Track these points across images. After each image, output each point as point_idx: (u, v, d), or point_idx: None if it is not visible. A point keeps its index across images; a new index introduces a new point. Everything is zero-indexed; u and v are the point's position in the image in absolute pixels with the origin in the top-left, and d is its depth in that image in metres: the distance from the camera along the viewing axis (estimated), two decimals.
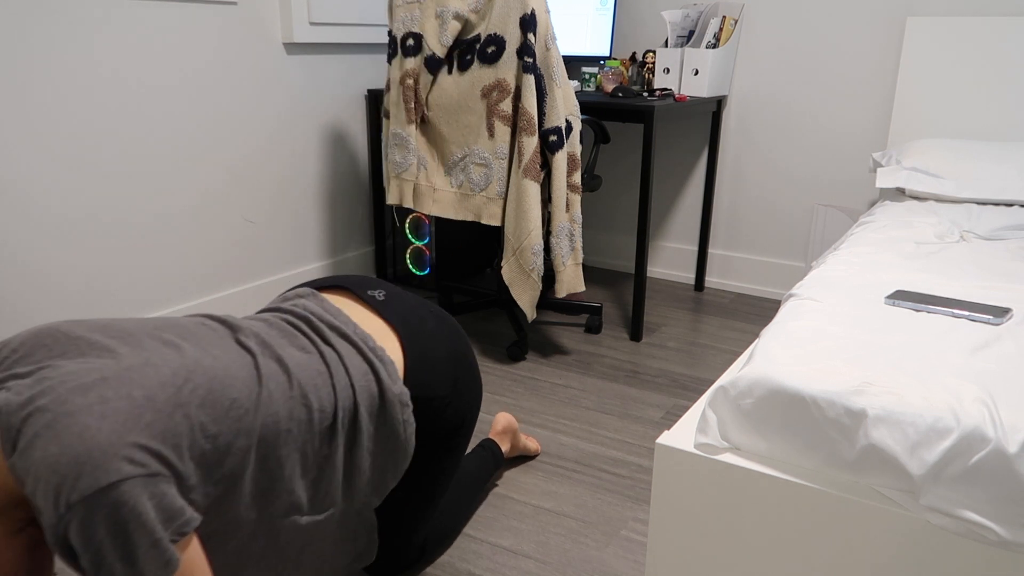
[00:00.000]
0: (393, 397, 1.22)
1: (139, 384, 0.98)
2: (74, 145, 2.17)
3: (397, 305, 1.36)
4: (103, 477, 0.89)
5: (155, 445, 0.94)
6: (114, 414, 0.93)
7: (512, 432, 1.93)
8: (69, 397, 0.93)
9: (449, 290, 3.05)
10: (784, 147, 3.10)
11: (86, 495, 0.88)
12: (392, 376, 1.23)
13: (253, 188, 2.73)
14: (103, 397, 0.94)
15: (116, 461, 0.90)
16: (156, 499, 0.92)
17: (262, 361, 1.11)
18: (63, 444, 0.89)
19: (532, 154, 2.31)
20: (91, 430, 0.91)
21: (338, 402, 1.16)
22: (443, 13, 2.35)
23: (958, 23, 2.64)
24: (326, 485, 1.16)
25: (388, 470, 1.26)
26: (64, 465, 0.88)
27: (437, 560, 1.62)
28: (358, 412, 1.18)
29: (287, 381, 1.12)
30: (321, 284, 1.42)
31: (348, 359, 1.20)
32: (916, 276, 1.65)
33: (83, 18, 2.14)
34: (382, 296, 1.37)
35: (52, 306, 2.19)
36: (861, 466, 1.12)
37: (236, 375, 1.07)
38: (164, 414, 0.97)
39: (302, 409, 1.11)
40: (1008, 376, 1.16)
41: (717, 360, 2.64)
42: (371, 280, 1.42)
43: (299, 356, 1.16)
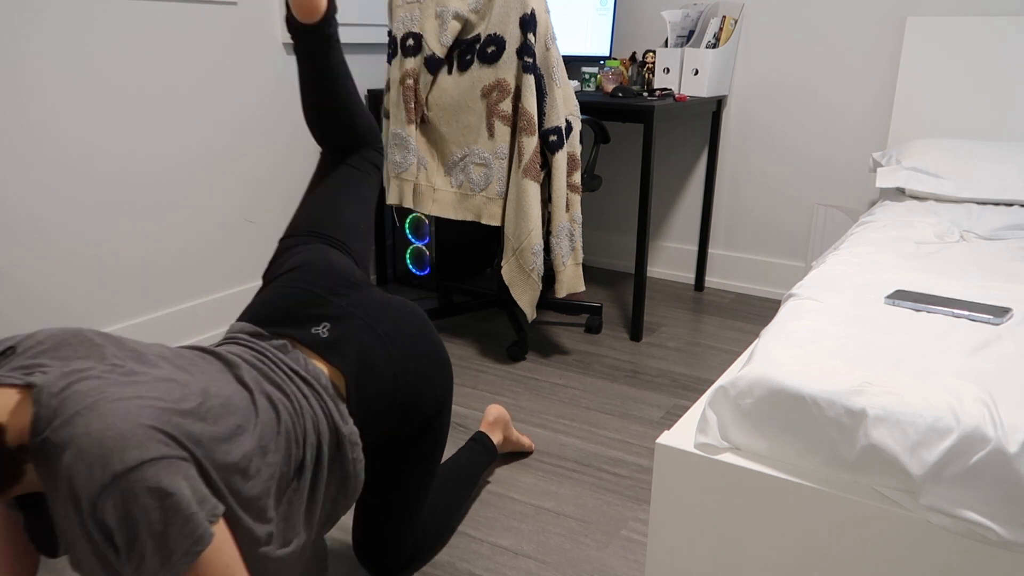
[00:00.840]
0: (344, 438, 1.26)
1: (166, 392, 1.03)
2: (72, 145, 2.17)
3: (340, 343, 1.34)
4: (145, 452, 0.93)
5: (184, 439, 0.99)
6: (150, 406, 0.99)
7: (504, 423, 1.94)
8: (106, 388, 0.98)
9: (449, 290, 3.05)
10: (784, 146, 3.11)
11: (129, 466, 0.91)
12: (343, 416, 1.28)
13: (253, 188, 2.73)
14: (137, 392, 1.00)
15: (155, 442, 0.95)
16: (189, 480, 0.96)
17: (257, 397, 1.16)
18: (107, 422, 0.94)
19: (532, 154, 2.31)
20: (132, 412, 0.96)
21: (307, 439, 1.21)
22: (443, 13, 2.35)
23: (958, 23, 2.64)
24: (293, 518, 1.19)
25: (339, 502, 1.30)
26: (109, 439, 0.92)
27: (437, 560, 1.62)
28: (321, 449, 1.23)
29: (275, 418, 1.17)
30: (266, 323, 1.37)
31: (310, 399, 1.25)
32: (916, 276, 1.65)
33: (83, 18, 2.14)
34: (326, 332, 1.34)
35: (50, 304, 2.19)
36: (861, 466, 1.12)
37: (238, 405, 1.11)
38: (189, 419, 1.02)
39: (284, 443, 1.16)
40: (1008, 376, 1.16)
41: (717, 360, 2.64)
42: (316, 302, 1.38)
43: (279, 395, 1.20)
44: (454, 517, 1.69)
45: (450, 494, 1.67)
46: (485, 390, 2.39)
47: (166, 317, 2.50)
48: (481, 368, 2.55)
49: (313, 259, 1.44)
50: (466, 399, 2.33)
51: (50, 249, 2.16)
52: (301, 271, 1.43)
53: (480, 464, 1.81)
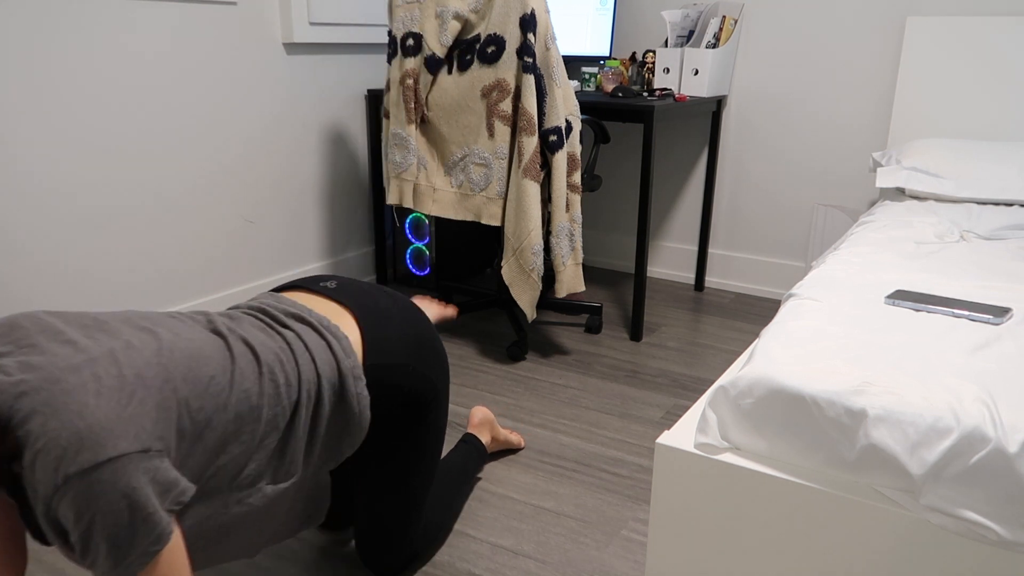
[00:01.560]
0: (347, 370, 1.27)
1: (126, 364, 1.01)
2: (72, 144, 2.17)
3: (348, 288, 1.43)
4: (101, 452, 0.92)
5: (148, 422, 0.98)
6: (109, 391, 0.97)
7: (489, 423, 1.95)
8: (62, 376, 0.96)
9: (449, 290, 3.05)
10: (784, 147, 3.10)
11: (84, 467, 0.91)
12: (346, 350, 1.29)
13: (253, 188, 2.73)
14: (96, 375, 0.97)
15: (113, 438, 0.93)
16: (151, 473, 0.95)
17: (232, 342, 1.17)
18: (63, 420, 0.92)
19: (532, 154, 2.31)
20: (89, 407, 0.94)
21: (302, 376, 1.22)
22: (443, 13, 2.35)
23: (958, 23, 2.64)
24: (291, 455, 1.21)
25: (344, 439, 1.31)
26: (64, 439, 0.91)
27: (437, 560, 1.62)
28: (321, 385, 1.24)
29: (255, 360, 1.17)
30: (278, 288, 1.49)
31: (306, 337, 1.26)
32: (916, 276, 1.65)
33: (84, 18, 2.14)
34: (333, 284, 1.44)
35: (49, 303, 2.19)
36: (861, 466, 1.12)
37: (210, 355, 1.12)
38: (154, 390, 1.01)
39: (271, 385, 1.17)
40: (1008, 376, 1.16)
41: (717, 360, 2.64)
42: (323, 276, 1.50)
43: (261, 336, 1.22)
44: (451, 516, 1.69)
45: (446, 494, 1.68)
46: (485, 390, 2.39)
47: None
48: (481, 368, 2.55)
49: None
50: (466, 399, 2.33)
51: (49, 250, 2.16)
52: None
53: (473, 464, 1.82)
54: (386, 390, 1.37)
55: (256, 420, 1.15)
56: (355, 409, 1.29)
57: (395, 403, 1.40)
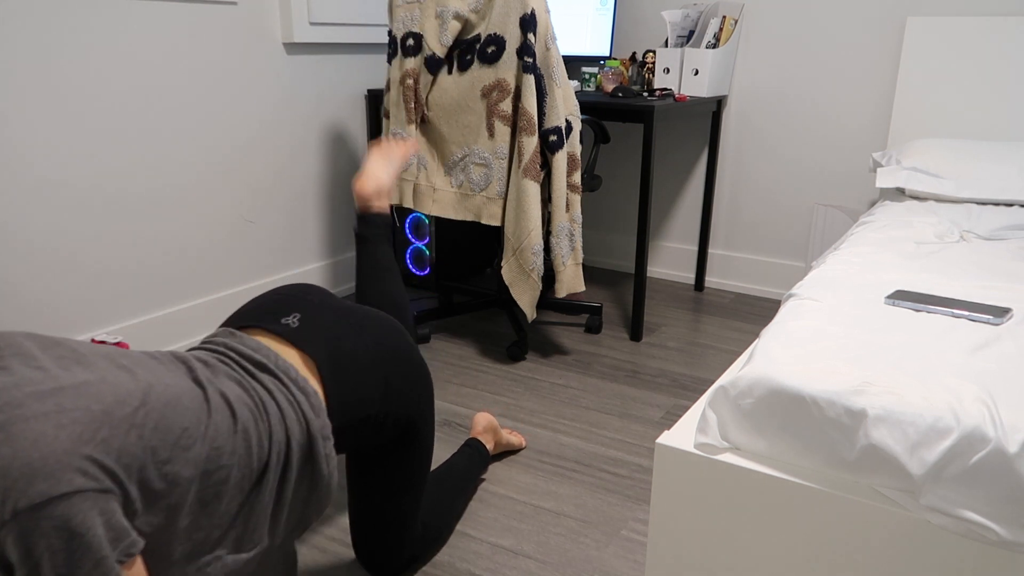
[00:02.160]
0: (316, 431, 1.20)
1: (96, 398, 0.95)
2: (73, 144, 2.17)
3: (311, 329, 1.32)
4: (55, 487, 0.85)
5: (109, 462, 0.92)
6: (71, 424, 0.90)
7: (493, 430, 1.95)
8: (25, 401, 0.90)
9: (449, 290, 3.05)
10: (784, 147, 3.10)
11: (35, 503, 0.84)
12: (316, 408, 1.22)
13: (253, 188, 2.73)
14: (60, 406, 0.91)
15: (70, 472, 0.87)
16: (105, 515, 0.89)
17: (211, 394, 1.10)
18: (16, 448, 0.86)
19: (532, 154, 2.31)
20: (47, 437, 0.88)
21: (272, 436, 1.15)
22: (443, 13, 2.35)
23: (958, 23, 2.64)
24: (254, 522, 1.14)
25: (311, 504, 1.24)
26: (16, 469, 0.85)
27: (437, 560, 1.62)
28: (290, 447, 1.17)
29: (231, 416, 1.10)
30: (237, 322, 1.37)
31: (276, 394, 1.19)
32: (916, 276, 1.65)
33: (84, 17, 2.14)
34: (296, 322, 1.33)
35: (49, 302, 2.19)
36: (861, 466, 1.12)
37: (188, 406, 1.05)
38: (120, 431, 0.94)
39: (243, 444, 1.10)
40: (1008, 376, 1.16)
41: (717, 360, 2.64)
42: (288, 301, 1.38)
43: (237, 390, 1.14)
44: (452, 519, 1.69)
45: (447, 497, 1.68)
46: (485, 390, 2.39)
47: (166, 317, 2.50)
48: (481, 368, 2.55)
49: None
50: (466, 399, 2.33)
51: (48, 251, 2.16)
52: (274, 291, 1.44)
53: (476, 469, 1.82)
54: (363, 438, 1.33)
55: (224, 481, 1.07)
56: (324, 471, 1.22)
57: (373, 445, 1.38)
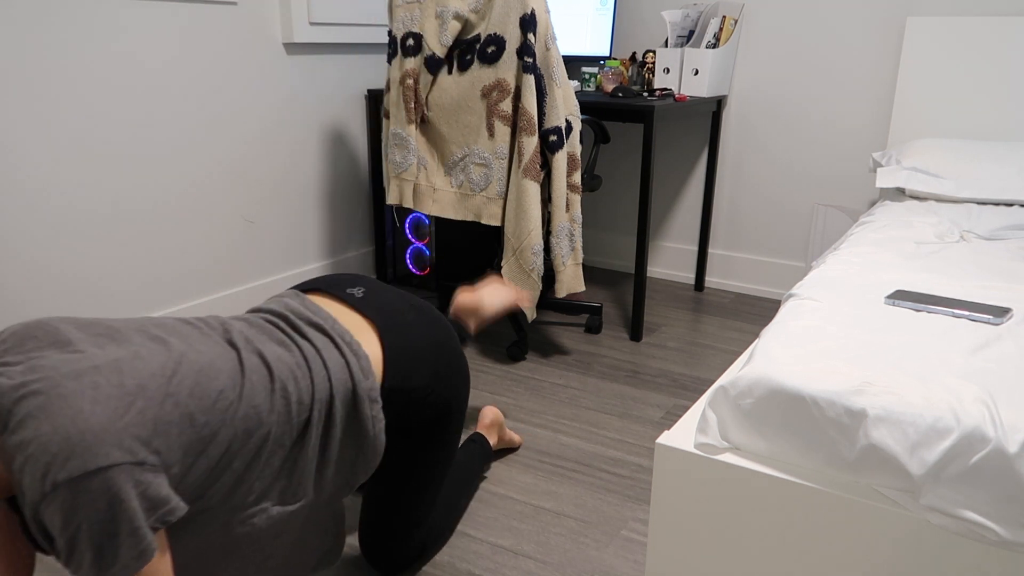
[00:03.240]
0: (363, 392, 1.24)
1: (130, 374, 1.00)
2: (73, 143, 2.17)
3: (375, 300, 1.39)
4: (92, 461, 0.90)
5: (145, 433, 0.96)
6: (106, 400, 0.95)
7: (499, 425, 1.96)
8: (62, 381, 0.95)
9: (449, 290, 3.05)
10: (784, 147, 3.10)
11: (73, 476, 0.89)
12: (365, 371, 1.25)
13: (253, 188, 2.73)
14: (95, 383, 0.96)
15: (106, 446, 0.92)
16: (141, 487, 0.94)
17: (245, 355, 1.14)
18: (55, 424, 0.91)
19: (532, 154, 2.31)
20: (84, 413, 0.93)
21: (315, 394, 1.19)
22: (443, 13, 2.35)
23: (958, 23, 2.64)
24: (299, 476, 1.18)
25: (358, 464, 1.27)
26: (55, 444, 0.90)
27: (437, 560, 1.62)
28: (333, 405, 1.21)
29: (268, 375, 1.14)
30: (305, 287, 1.45)
31: (325, 352, 1.23)
32: (916, 276, 1.65)
33: (83, 18, 2.14)
34: (360, 293, 1.39)
35: (50, 303, 2.19)
36: (861, 466, 1.12)
37: (221, 368, 1.09)
38: (155, 402, 0.99)
39: (281, 401, 1.14)
40: (1008, 376, 1.16)
41: (717, 360, 2.64)
42: (353, 277, 1.46)
43: (279, 350, 1.19)
44: (455, 516, 1.69)
45: (452, 493, 1.68)
46: (485, 390, 2.39)
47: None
48: (481, 368, 2.55)
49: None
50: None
51: (48, 252, 2.16)
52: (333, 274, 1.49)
53: (480, 465, 1.82)
54: (403, 412, 1.35)
55: (264, 437, 1.12)
56: (370, 432, 1.25)
57: (411, 424, 1.39)
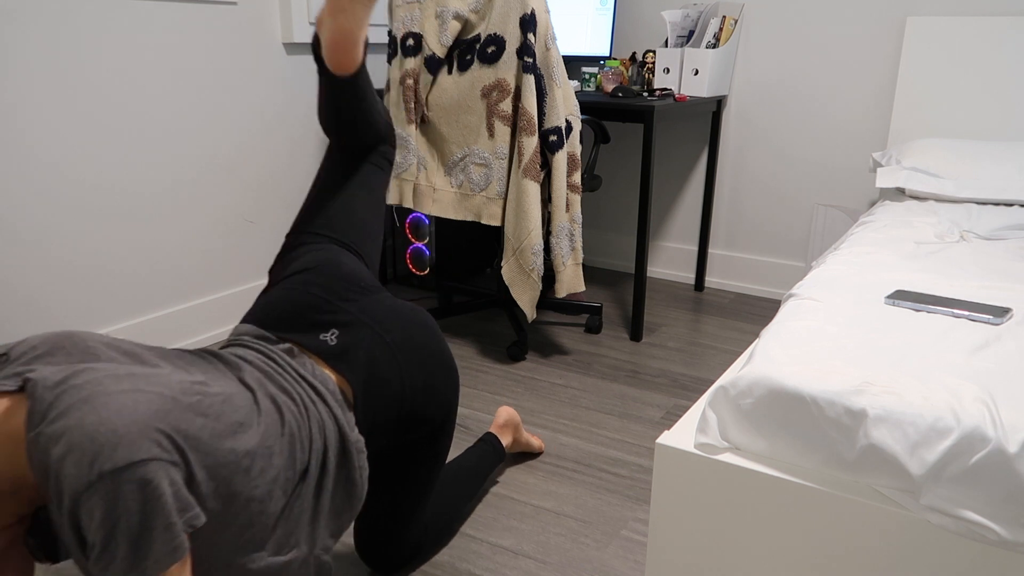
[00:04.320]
0: (351, 444, 1.25)
1: (165, 385, 1.01)
2: (72, 144, 2.17)
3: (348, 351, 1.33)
4: (136, 452, 0.92)
5: (179, 439, 0.98)
6: (147, 401, 0.97)
7: (514, 426, 1.93)
8: (103, 381, 0.97)
9: (449, 290, 3.05)
10: (784, 146, 3.10)
11: (119, 466, 0.90)
12: (350, 424, 1.26)
13: (253, 188, 2.73)
14: (135, 386, 0.98)
15: (147, 441, 0.94)
16: (174, 486, 0.95)
17: (260, 397, 1.15)
18: (102, 416, 0.93)
19: (532, 154, 2.31)
20: (128, 407, 0.95)
21: (312, 446, 1.19)
22: (443, 13, 2.35)
23: (958, 23, 2.64)
24: (293, 525, 1.17)
25: (344, 513, 1.28)
26: (102, 435, 0.91)
27: (437, 560, 1.62)
28: (327, 455, 1.21)
29: (279, 419, 1.15)
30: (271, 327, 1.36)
31: (316, 404, 1.23)
32: (916, 276, 1.65)
33: (83, 17, 2.14)
34: (334, 340, 1.34)
35: (51, 304, 2.19)
36: (861, 466, 1.12)
37: (239, 404, 1.10)
38: (188, 416, 1.01)
39: (288, 447, 1.14)
40: (1008, 376, 1.16)
41: (717, 360, 2.64)
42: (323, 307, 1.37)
43: (283, 397, 1.19)
44: (459, 516, 1.69)
45: (456, 493, 1.67)
46: (485, 390, 2.39)
47: (166, 317, 2.50)
48: (481, 368, 2.55)
49: (322, 261, 1.42)
50: (466, 399, 2.33)
51: (49, 251, 2.16)
52: (310, 273, 1.40)
53: (488, 465, 1.81)
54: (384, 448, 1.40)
55: (273, 480, 1.11)
56: (358, 482, 1.27)
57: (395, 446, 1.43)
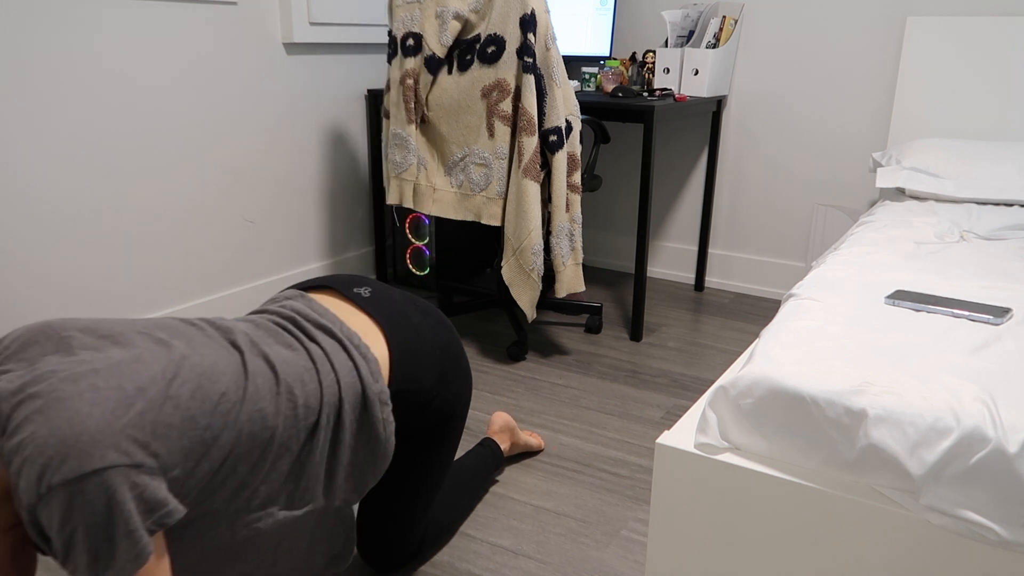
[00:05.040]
0: (373, 395, 1.23)
1: (129, 376, 1.00)
2: (74, 144, 2.17)
3: (382, 301, 1.38)
4: (87, 463, 0.90)
5: (143, 435, 0.96)
6: (104, 402, 0.95)
7: (510, 430, 1.94)
8: (60, 385, 0.95)
9: (449, 290, 3.05)
10: (784, 147, 3.10)
11: (68, 478, 0.89)
12: (374, 374, 1.24)
13: (253, 188, 2.73)
14: (94, 385, 0.96)
15: (102, 448, 0.92)
16: (138, 489, 0.94)
17: (249, 358, 1.13)
18: (52, 427, 0.91)
19: (532, 154, 2.31)
20: (81, 415, 0.93)
21: (324, 398, 1.18)
22: (443, 13, 2.35)
23: (958, 23, 2.64)
24: (307, 480, 1.17)
25: (368, 468, 1.27)
26: (51, 447, 0.90)
27: (437, 560, 1.62)
28: (342, 408, 1.20)
29: (274, 377, 1.14)
30: (309, 285, 1.44)
31: (333, 355, 1.22)
32: (916, 276, 1.65)
33: (83, 17, 2.14)
34: (367, 293, 1.38)
35: (51, 305, 2.19)
36: (861, 466, 1.12)
37: (224, 371, 1.09)
38: (155, 405, 0.99)
39: (288, 404, 1.13)
40: (1008, 376, 1.16)
41: (717, 360, 2.64)
42: (358, 278, 1.44)
43: (285, 353, 1.18)
44: (457, 518, 1.69)
45: (455, 495, 1.67)
46: (485, 390, 2.39)
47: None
48: (481, 368, 2.55)
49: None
50: None
51: (48, 251, 2.16)
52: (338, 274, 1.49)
53: (487, 469, 1.81)
54: (406, 415, 1.35)
55: (269, 440, 1.11)
56: (381, 435, 1.25)
57: (412, 427, 1.39)
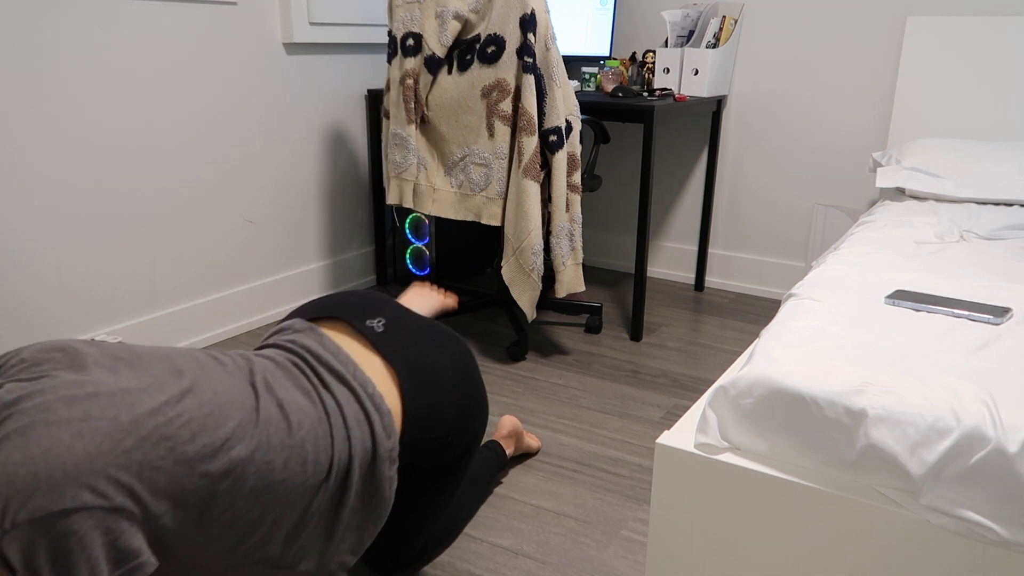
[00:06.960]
0: (384, 453, 1.17)
1: (128, 408, 0.93)
2: (74, 145, 2.17)
3: (397, 339, 1.30)
4: (56, 502, 0.84)
5: (126, 476, 0.89)
6: (92, 434, 0.89)
7: (517, 435, 1.94)
8: (53, 406, 0.89)
9: (449, 290, 3.05)
10: (784, 147, 3.10)
11: (34, 517, 0.83)
12: (387, 429, 1.18)
13: (253, 188, 2.73)
14: (87, 413, 0.90)
15: (75, 487, 0.85)
16: (110, 536, 0.87)
17: (263, 404, 1.06)
18: (26, 455, 0.85)
19: (532, 154, 2.31)
20: (60, 446, 0.86)
21: (334, 456, 1.11)
22: (443, 13, 2.35)
23: (958, 23, 2.64)
24: (304, 539, 1.11)
25: (367, 528, 1.21)
26: (20, 479, 0.84)
27: (437, 560, 1.62)
28: (351, 468, 1.14)
29: (287, 428, 1.07)
30: (318, 313, 1.34)
31: (347, 408, 1.15)
32: (916, 276, 1.65)
33: (83, 17, 2.14)
34: (381, 327, 1.30)
35: (51, 305, 2.19)
36: (861, 466, 1.12)
37: (232, 415, 1.02)
38: (148, 443, 0.92)
39: (297, 459, 1.07)
40: (1008, 376, 1.16)
41: (717, 360, 2.64)
42: (370, 303, 1.36)
43: (302, 402, 1.11)
44: (460, 523, 1.68)
45: (460, 501, 1.67)
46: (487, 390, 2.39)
47: (167, 317, 2.50)
48: (481, 368, 2.55)
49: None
50: None
51: (49, 251, 2.16)
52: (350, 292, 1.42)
53: (490, 473, 1.81)
54: (422, 459, 1.31)
55: (272, 496, 1.04)
56: (385, 495, 1.19)
57: (426, 467, 1.36)
